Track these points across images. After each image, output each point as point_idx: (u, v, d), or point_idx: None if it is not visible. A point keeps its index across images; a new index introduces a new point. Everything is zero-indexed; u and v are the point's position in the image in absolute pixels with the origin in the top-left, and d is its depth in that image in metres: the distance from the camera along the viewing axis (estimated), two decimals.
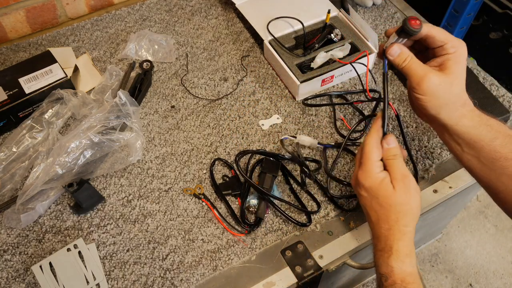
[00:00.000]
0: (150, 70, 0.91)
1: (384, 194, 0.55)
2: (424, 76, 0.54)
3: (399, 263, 0.53)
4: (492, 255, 1.50)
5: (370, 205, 0.56)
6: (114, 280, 0.65)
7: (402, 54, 0.56)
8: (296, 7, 0.96)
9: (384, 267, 0.53)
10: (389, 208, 0.55)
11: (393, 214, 0.55)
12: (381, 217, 0.55)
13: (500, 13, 1.39)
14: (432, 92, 0.54)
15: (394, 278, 0.52)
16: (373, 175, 0.56)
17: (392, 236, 0.54)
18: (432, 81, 0.54)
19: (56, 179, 0.69)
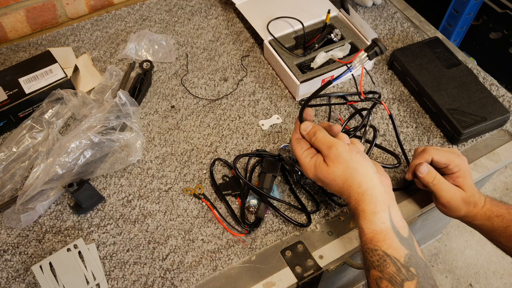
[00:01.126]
0: (150, 70, 0.91)
1: (324, 175, 0.59)
2: (453, 196, 0.64)
3: (367, 223, 0.55)
4: (492, 255, 1.50)
5: (326, 186, 0.60)
6: (114, 280, 0.65)
7: (430, 172, 0.65)
8: (296, 7, 0.96)
9: (359, 229, 0.57)
10: (335, 182, 0.58)
11: (341, 184, 0.58)
12: (337, 191, 0.59)
13: (500, 13, 1.39)
14: (456, 207, 0.65)
15: (365, 237, 0.55)
16: (307, 166, 0.60)
17: (353, 201, 0.57)
18: (458, 199, 0.65)
19: (56, 179, 0.69)
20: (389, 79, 0.90)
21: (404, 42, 0.97)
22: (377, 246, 0.53)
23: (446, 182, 0.65)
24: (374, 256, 0.53)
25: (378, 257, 0.53)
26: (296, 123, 0.65)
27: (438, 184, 0.64)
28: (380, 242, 0.53)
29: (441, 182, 0.64)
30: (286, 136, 0.81)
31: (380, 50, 0.61)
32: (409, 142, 0.80)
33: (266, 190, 0.70)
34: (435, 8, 1.48)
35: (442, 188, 0.64)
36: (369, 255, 0.54)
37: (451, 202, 0.64)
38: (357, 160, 0.57)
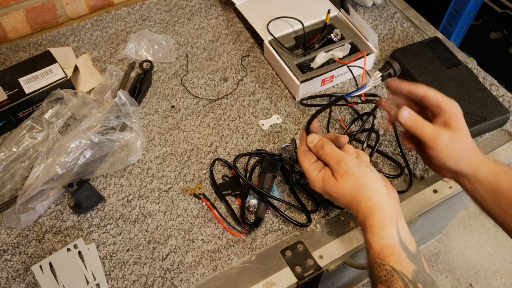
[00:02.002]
0: (150, 70, 0.91)
1: (333, 190, 0.58)
2: (438, 131, 0.58)
3: (375, 238, 0.54)
4: (492, 255, 1.50)
5: (336, 201, 0.59)
6: (114, 280, 0.65)
7: (411, 116, 0.59)
8: (296, 7, 0.96)
9: (366, 243, 0.56)
10: (344, 197, 0.57)
11: (350, 199, 0.57)
12: (346, 205, 0.58)
13: (500, 13, 1.39)
14: (448, 145, 0.58)
15: (373, 252, 0.54)
16: (315, 180, 0.59)
17: (361, 215, 0.56)
18: (445, 136, 0.58)
19: (56, 179, 0.69)
20: None
21: (404, 42, 0.96)
22: (384, 261, 0.52)
23: (429, 123, 0.59)
24: (382, 271, 0.52)
25: (386, 272, 0.52)
26: (302, 134, 0.64)
27: (418, 125, 0.58)
28: (388, 257, 0.53)
29: (422, 122, 0.59)
30: (286, 136, 0.81)
31: (394, 72, 0.60)
32: None
33: (266, 190, 0.70)
34: (435, 8, 1.48)
35: (424, 127, 0.58)
36: (376, 269, 0.53)
37: (437, 140, 0.57)
38: (366, 174, 0.57)
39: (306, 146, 0.62)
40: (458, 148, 0.59)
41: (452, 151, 0.58)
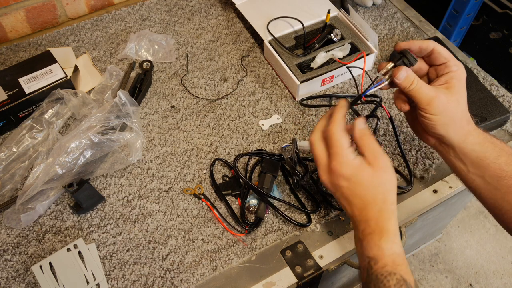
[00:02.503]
0: (150, 70, 0.91)
1: (367, 178, 0.54)
2: (434, 96, 0.55)
3: (389, 244, 0.52)
4: (492, 255, 1.50)
5: (353, 193, 0.55)
6: (114, 280, 0.65)
7: (408, 77, 0.56)
8: (296, 7, 0.96)
9: (375, 250, 0.53)
10: (374, 190, 0.54)
11: (380, 194, 0.54)
12: (369, 201, 0.54)
13: (500, 13, 1.39)
14: (441, 111, 0.56)
15: (385, 260, 0.52)
16: (350, 162, 0.55)
17: (382, 217, 0.54)
18: (441, 100, 0.56)
19: (56, 179, 0.69)
20: None
21: None
22: (396, 269, 0.51)
23: (426, 84, 0.57)
24: (392, 280, 0.50)
25: (396, 281, 0.50)
26: (337, 112, 0.58)
27: (416, 87, 0.56)
28: (400, 266, 0.51)
29: (420, 83, 0.56)
30: (286, 136, 0.81)
31: (409, 61, 0.57)
32: (409, 142, 0.80)
33: (266, 190, 0.70)
34: (435, 8, 1.48)
35: (421, 89, 0.56)
36: (386, 279, 0.50)
37: (432, 103, 0.55)
38: (395, 177, 0.56)
39: (343, 125, 0.57)
40: (452, 114, 0.57)
41: (445, 116, 0.56)
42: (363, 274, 0.54)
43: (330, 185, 0.57)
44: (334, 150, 0.55)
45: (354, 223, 0.57)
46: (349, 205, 0.56)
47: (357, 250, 0.56)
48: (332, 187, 0.57)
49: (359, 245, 0.56)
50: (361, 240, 0.55)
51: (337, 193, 0.57)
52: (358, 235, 0.56)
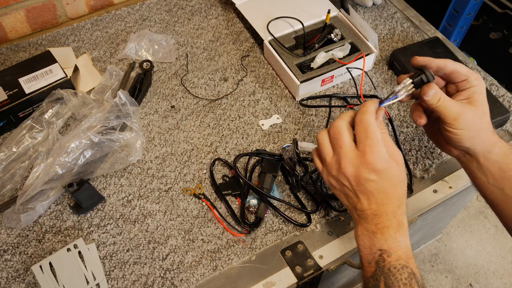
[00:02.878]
0: (150, 70, 0.91)
1: (395, 173, 0.54)
2: (460, 111, 0.56)
3: (404, 237, 0.53)
4: (492, 255, 1.50)
5: (380, 188, 0.54)
6: (114, 280, 0.65)
7: (436, 94, 0.56)
8: (296, 7, 0.96)
9: (390, 242, 0.53)
10: (399, 185, 0.55)
11: (402, 190, 0.55)
12: (391, 196, 0.54)
13: (500, 13, 1.39)
14: (468, 125, 0.56)
15: (399, 253, 0.52)
16: (384, 156, 0.53)
17: (400, 211, 0.54)
18: (468, 115, 0.56)
19: (56, 179, 0.69)
20: (389, 79, 0.90)
21: (404, 42, 0.97)
22: (408, 263, 0.51)
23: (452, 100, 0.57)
24: (403, 274, 0.50)
25: (407, 275, 0.50)
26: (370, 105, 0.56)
27: (443, 103, 0.56)
28: (411, 259, 0.52)
29: (446, 100, 0.56)
30: (286, 136, 0.81)
31: (427, 78, 0.57)
32: (409, 142, 0.80)
33: (266, 190, 0.70)
34: (435, 8, 1.48)
35: (448, 105, 0.56)
36: (398, 272, 0.51)
37: (459, 119, 0.56)
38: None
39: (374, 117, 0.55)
40: (478, 127, 0.57)
41: (471, 130, 0.57)
42: (370, 268, 0.53)
43: (353, 177, 0.54)
44: (371, 142, 0.53)
45: (366, 216, 0.55)
46: (368, 199, 0.55)
47: (363, 243, 0.55)
48: (354, 180, 0.55)
49: (368, 238, 0.55)
50: (374, 232, 0.54)
51: (359, 187, 0.55)
52: (370, 228, 0.55)
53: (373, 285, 0.52)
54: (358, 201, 0.56)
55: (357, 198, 0.56)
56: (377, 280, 0.51)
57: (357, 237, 0.56)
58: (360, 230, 0.56)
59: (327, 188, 0.74)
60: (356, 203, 0.56)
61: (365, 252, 0.55)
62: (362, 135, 0.54)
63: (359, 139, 0.54)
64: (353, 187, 0.55)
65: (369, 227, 0.55)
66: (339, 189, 0.58)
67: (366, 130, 0.54)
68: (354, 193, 0.56)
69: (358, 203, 0.56)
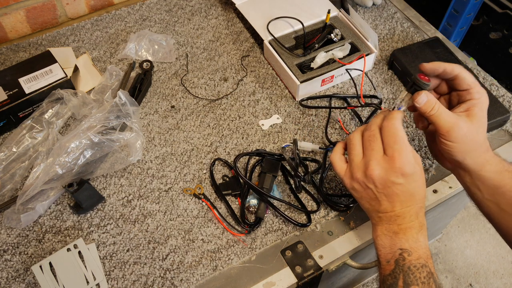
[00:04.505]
0: (150, 70, 0.91)
1: (420, 176, 0.55)
2: (454, 124, 0.55)
3: (425, 238, 0.54)
4: (492, 255, 1.50)
5: (406, 190, 0.55)
6: (114, 280, 0.65)
7: (429, 102, 0.56)
8: (296, 7, 0.96)
9: (412, 242, 0.53)
10: (422, 187, 0.56)
11: (424, 191, 0.56)
12: (416, 198, 0.55)
13: (500, 13, 1.39)
14: (460, 139, 0.56)
15: (420, 252, 0.53)
16: (411, 160, 0.54)
17: (422, 212, 0.55)
18: (461, 129, 0.56)
19: (56, 179, 0.69)
20: (389, 79, 0.90)
21: (404, 42, 0.97)
22: (427, 262, 0.52)
23: (447, 111, 0.56)
24: (423, 273, 0.51)
25: (426, 273, 0.51)
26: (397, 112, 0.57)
27: (436, 113, 0.56)
28: (430, 259, 0.53)
29: (441, 110, 0.56)
30: (286, 136, 0.81)
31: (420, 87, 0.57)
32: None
33: (266, 190, 0.70)
34: (435, 8, 1.48)
35: (441, 116, 0.56)
36: (418, 271, 0.52)
37: (452, 131, 0.55)
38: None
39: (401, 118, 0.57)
40: (471, 143, 0.57)
41: (463, 144, 0.56)
42: (389, 266, 0.54)
43: (381, 180, 0.55)
44: (399, 147, 0.54)
45: (388, 217, 0.56)
46: (392, 201, 0.55)
47: (383, 243, 0.56)
48: (380, 183, 0.55)
49: (388, 238, 0.55)
50: (397, 233, 0.55)
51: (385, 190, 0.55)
52: (392, 228, 0.55)
53: (391, 283, 0.52)
54: (382, 203, 0.56)
55: (381, 201, 0.56)
56: (396, 277, 0.52)
57: (376, 237, 0.57)
58: (380, 230, 0.56)
59: (327, 188, 0.74)
60: (379, 205, 0.57)
61: (383, 252, 0.55)
62: (390, 140, 0.55)
63: (387, 143, 0.55)
64: (378, 190, 0.56)
65: (391, 228, 0.56)
66: (363, 192, 0.58)
67: (395, 136, 0.55)
68: (379, 195, 0.56)
69: (382, 206, 0.56)
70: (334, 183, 0.75)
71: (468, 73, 0.58)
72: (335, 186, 0.74)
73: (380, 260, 0.56)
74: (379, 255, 0.56)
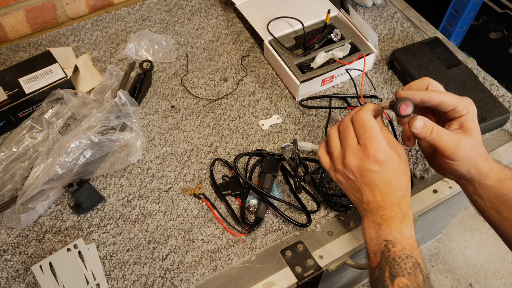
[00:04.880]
0: (150, 70, 0.91)
1: (397, 164, 0.55)
2: (458, 144, 0.56)
3: (409, 228, 0.54)
4: (492, 255, 1.50)
5: (383, 178, 0.55)
6: (114, 280, 0.65)
7: (426, 126, 0.56)
8: (296, 7, 0.96)
9: (395, 233, 0.54)
10: (402, 176, 0.56)
11: (405, 181, 0.56)
12: (395, 187, 0.55)
13: (500, 13, 1.39)
14: (466, 156, 0.56)
15: (404, 243, 0.53)
16: (384, 148, 0.55)
17: (405, 202, 0.55)
18: (465, 147, 0.56)
19: (56, 179, 0.69)
20: (389, 79, 0.90)
21: (404, 42, 0.97)
22: (412, 253, 0.53)
23: (446, 131, 0.56)
24: (408, 263, 0.52)
25: (411, 264, 0.52)
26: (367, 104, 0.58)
27: (437, 136, 0.55)
28: (415, 250, 0.53)
29: (440, 132, 0.55)
30: (286, 136, 0.81)
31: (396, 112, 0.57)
32: None
33: (266, 190, 0.70)
34: (435, 8, 1.48)
35: (443, 138, 0.55)
36: (403, 261, 0.52)
37: (457, 152, 0.55)
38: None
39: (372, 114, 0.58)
40: (475, 157, 0.57)
41: (469, 160, 0.57)
42: (376, 258, 0.54)
43: (357, 169, 0.56)
44: (369, 135, 0.55)
45: (371, 208, 0.57)
46: (372, 191, 0.56)
47: (370, 235, 0.56)
48: (358, 172, 0.56)
49: (373, 230, 0.56)
50: (380, 224, 0.55)
51: (363, 178, 0.56)
52: (375, 219, 0.56)
53: (379, 275, 0.53)
54: (364, 193, 0.57)
55: (363, 191, 0.57)
56: (382, 269, 0.53)
57: (363, 230, 0.58)
58: (367, 223, 0.57)
59: (327, 188, 0.74)
60: (361, 196, 0.58)
61: (371, 244, 0.56)
62: (360, 130, 0.56)
63: (358, 134, 0.57)
64: (357, 179, 0.57)
65: (375, 219, 0.56)
66: (346, 184, 0.59)
67: (363, 125, 0.56)
68: (359, 185, 0.57)
69: (364, 196, 0.57)
70: (334, 183, 0.75)
71: (447, 94, 0.57)
72: (335, 186, 0.74)
73: (368, 252, 0.57)
74: (367, 248, 0.57)
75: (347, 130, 0.58)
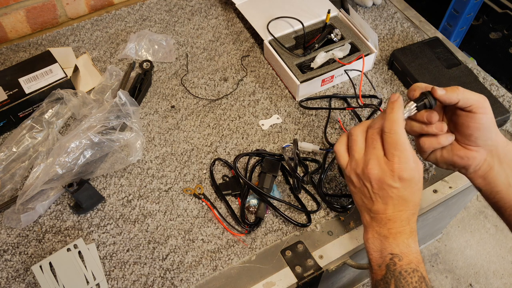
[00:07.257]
0: (150, 70, 0.91)
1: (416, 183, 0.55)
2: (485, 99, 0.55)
3: (415, 243, 0.54)
4: (492, 255, 1.50)
5: (401, 195, 0.54)
6: (114, 280, 0.65)
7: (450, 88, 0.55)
8: (296, 7, 0.96)
9: (402, 247, 0.53)
10: (418, 194, 0.55)
11: (419, 198, 0.56)
12: (409, 204, 0.55)
13: (500, 13, 1.39)
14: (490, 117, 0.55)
15: (410, 257, 0.53)
16: (411, 166, 0.54)
17: (414, 218, 0.55)
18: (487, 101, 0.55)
19: (56, 179, 0.69)
20: (389, 79, 0.90)
21: (404, 42, 0.97)
22: (418, 267, 0.52)
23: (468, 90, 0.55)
24: (414, 277, 0.52)
25: (417, 278, 0.52)
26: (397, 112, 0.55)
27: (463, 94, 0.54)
28: (421, 264, 0.53)
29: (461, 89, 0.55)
30: (286, 136, 0.81)
31: (430, 103, 0.56)
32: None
33: (266, 190, 0.70)
34: (435, 8, 1.48)
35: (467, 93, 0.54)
36: (409, 276, 0.52)
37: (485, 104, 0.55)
38: None
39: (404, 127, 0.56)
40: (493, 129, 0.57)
41: (492, 121, 0.56)
42: (380, 271, 0.54)
43: (377, 181, 0.55)
44: (400, 153, 0.53)
45: (379, 219, 0.56)
46: (386, 204, 0.55)
47: (374, 246, 0.56)
48: (376, 183, 0.55)
49: (378, 242, 0.55)
50: (386, 237, 0.55)
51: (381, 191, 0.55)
52: (382, 232, 0.55)
53: None
54: (375, 204, 0.56)
55: (375, 201, 0.56)
56: (388, 283, 0.52)
57: (366, 239, 0.57)
58: (371, 233, 0.56)
59: (327, 188, 0.74)
60: (372, 205, 0.56)
61: (375, 256, 0.55)
62: (391, 146, 0.54)
63: (387, 149, 0.55)
64: (374, 190, 0.56)
65: (381, 231, 0.55)
66: (358, 188, 0.58)
67: (396, 143, 0.54)
68: (373, 195, 0.56)
69: (374, 206, 0.56)
70: (334, 183, 0.75)
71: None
72: (335, 186, 0.74)
73: (371, 264, 0.56)
74: (370, 259, 0.56)
75: (376, 138, 0.56)
